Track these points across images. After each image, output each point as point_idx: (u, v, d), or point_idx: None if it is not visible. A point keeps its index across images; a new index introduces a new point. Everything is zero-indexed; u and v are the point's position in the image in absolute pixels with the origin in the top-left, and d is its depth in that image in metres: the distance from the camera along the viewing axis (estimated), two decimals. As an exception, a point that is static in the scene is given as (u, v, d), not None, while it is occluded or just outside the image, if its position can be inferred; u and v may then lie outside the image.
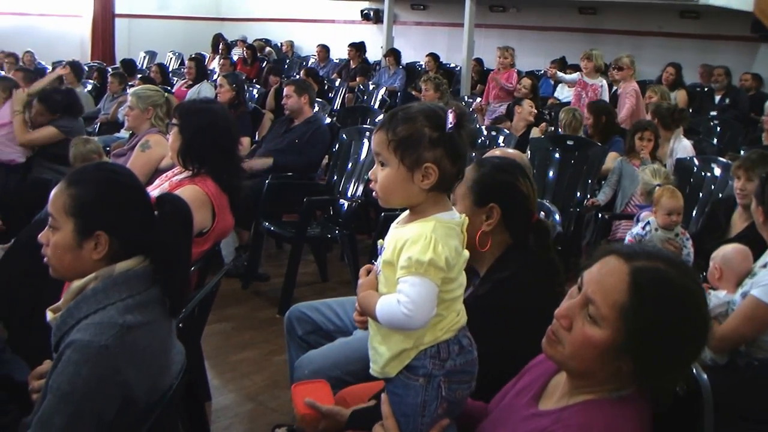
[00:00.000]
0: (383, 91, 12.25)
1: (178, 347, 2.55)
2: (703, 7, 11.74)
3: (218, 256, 5.23)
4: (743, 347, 3.55)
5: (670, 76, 10.52)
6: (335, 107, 11.59)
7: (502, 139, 7.57)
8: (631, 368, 1.85)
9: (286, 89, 7.13)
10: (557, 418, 1.93)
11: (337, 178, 6.74)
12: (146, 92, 5.77)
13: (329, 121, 7.86)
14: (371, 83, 13.02)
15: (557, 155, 6.82)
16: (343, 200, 6.50)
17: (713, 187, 5.96)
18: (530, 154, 6.69)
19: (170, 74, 13.10)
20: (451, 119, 2.05)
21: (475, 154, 3.24)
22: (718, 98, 11.19)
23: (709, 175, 6.07)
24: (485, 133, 7.83)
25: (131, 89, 6.63)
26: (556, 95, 12.23)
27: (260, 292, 6.44)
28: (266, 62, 15.45)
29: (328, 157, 7.45)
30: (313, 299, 4.02)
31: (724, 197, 5.49)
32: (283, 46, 18.12)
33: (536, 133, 8.05)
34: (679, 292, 1.85)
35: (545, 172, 6.75)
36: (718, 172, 6.02)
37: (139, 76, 12.11)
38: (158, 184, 4.23)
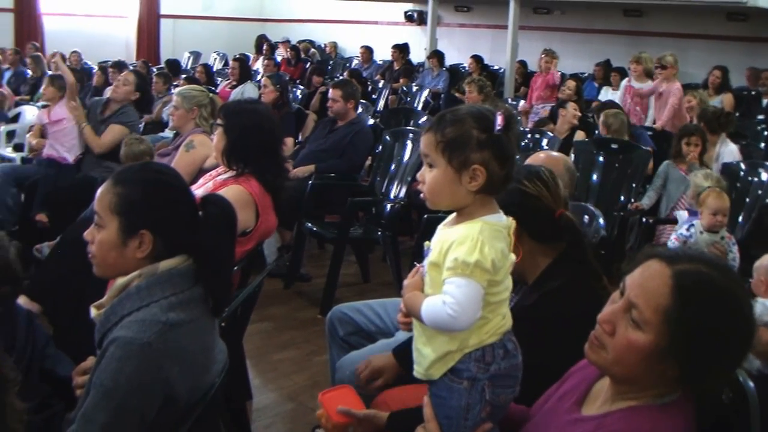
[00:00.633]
0: (426, 92, 12.24)
1: (220, 346, 2.56)
2: (751, 9, 11.55)
3: (260, 256, 5.26)
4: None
5: (716, 79, 10.36)
6: (378, 109, 11.58)
7: (545, 141, 7.51)
8: (675, 373, 1.83)
9: (332, 92, 7.11)
10: (600, 423, 1.91)
11: (380, 179, 6.74)
12: (191, 92, 5.80)
13: (372, 122, 7.86)
14: (414, 85, 13.02)
15: (601, 158, 6.76)
16: (385, 202, 6.51)
17: (760, 192, 5.89)
18: (574, 157, 6.64)
19: (215, 75, 13.17)
20: (499, 121, 2.04)
21: (518, 157, 3.21)
22: (765, 102, 11.01)
23: (756, 179, 6.00)
24: (529, 135, 7.77)
25: (176, 89, 6.67)
26: (600, 98, 12.12)
27: (302, 292, 6.45)
28: (310, 63, 15.49)
29: (371, 158, 7.45)
30: (354, 300, 4.01)
31: (771, 202, 5.43)
32: (326, 47, 18.18)
33: (580, 136, 7.98)
34: (722, 294, 1.83)
35: (589, 175, 6.69)
36: (765, 176, 5.96)
37: (183, 76, 12.21)
38: (202, 183, 4.26)
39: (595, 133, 7.70)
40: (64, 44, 13.87)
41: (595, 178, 6.72)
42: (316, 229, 6.29)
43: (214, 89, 9.91)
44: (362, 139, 7.03)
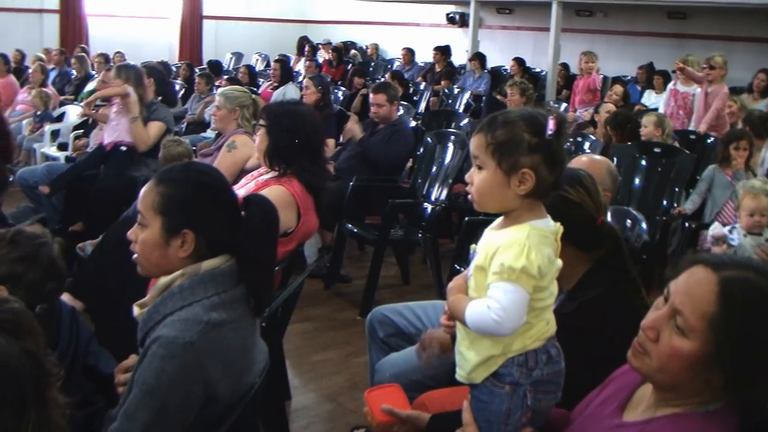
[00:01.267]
0: (468, 95, 12.22)
1: (261, 346, 2.57)
2: (799, 10, 11.43)
3: (301, 256, 5.27)
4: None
5: (761, 82, 10.19)
6: (420, 110, 11.57)
7: (588, 145, 7.46)
8: (720, 381, 1.80)
9: (375, 98, 7.00)
10: (642, 430, 1.90)
11: (421, 181, 6.73)
12: (234, 93, 5.83)
13: (414, 124, 7.84)
14: (456, 87, 13.00)
15: (644, 162, 6.71)
16: (426, 204, 6.49)
17: (806, 197, 5.80)
18: (616, 161, 6.58)
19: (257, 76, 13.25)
20: (551, 126, 2.02)
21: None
22: (812, 105, 10.87)
23: (802, 184, 5.91)
24: (571, 139, 7.71)
25: (219, 90, 6.68)
26: (643, 101, 12.03)
27: (342, 293, 6.46)
28: (351, 65, 15.53)
29: (412, 160, 7.44)
30: (394, 302, 4.02)
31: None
32: (368, 48, 18.21)
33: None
34: None
35: (631, 179, 6.64)
36: (811, 181, 5.86)
37: (225, 77, 12.28)
38: (244, 183, 4.28)
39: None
40: (108, 45, 14.09)
41: (637, 182, 6.67)
42: (356, 230, 6.29)
43: (256, 90, 9.95)
44: (402, 136, 6.98)
